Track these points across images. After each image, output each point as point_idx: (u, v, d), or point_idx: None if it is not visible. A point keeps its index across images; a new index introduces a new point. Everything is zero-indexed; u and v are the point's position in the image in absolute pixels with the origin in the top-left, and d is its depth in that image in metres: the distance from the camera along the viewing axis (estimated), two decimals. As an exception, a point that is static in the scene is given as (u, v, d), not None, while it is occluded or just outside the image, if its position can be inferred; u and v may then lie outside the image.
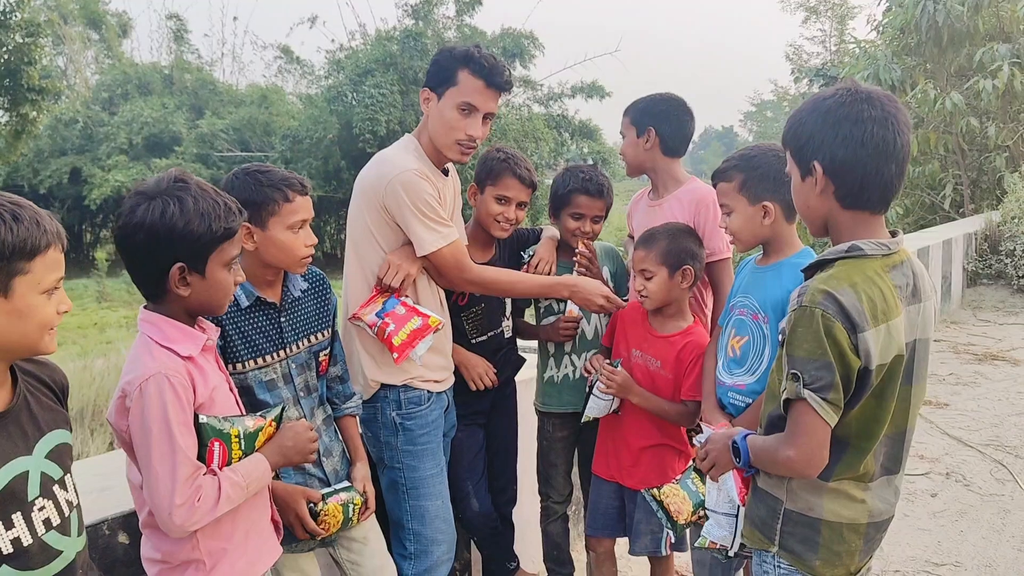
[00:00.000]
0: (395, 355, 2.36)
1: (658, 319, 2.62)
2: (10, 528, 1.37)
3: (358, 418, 2.43)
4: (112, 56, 31.71)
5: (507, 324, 2.94)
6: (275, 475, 1.89)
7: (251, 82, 32.12)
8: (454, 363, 2.69)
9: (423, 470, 2.48)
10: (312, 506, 2.08)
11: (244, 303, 2.09)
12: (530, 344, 3.08)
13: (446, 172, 2.60)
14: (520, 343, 3.05)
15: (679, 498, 2.33)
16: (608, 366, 2.57)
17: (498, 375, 2.83)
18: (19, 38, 15.39)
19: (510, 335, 2.97)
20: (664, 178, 2.78)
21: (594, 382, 2.62)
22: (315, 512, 2.08)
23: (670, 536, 2.63)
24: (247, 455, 1.77)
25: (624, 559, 3.04)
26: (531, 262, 2.89)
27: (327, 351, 2.29)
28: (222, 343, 2.02)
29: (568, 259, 2.92)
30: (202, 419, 1.68)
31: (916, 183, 13.25)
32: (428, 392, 2.51)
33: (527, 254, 2.96)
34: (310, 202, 2.16)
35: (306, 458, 1.91)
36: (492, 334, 2.87)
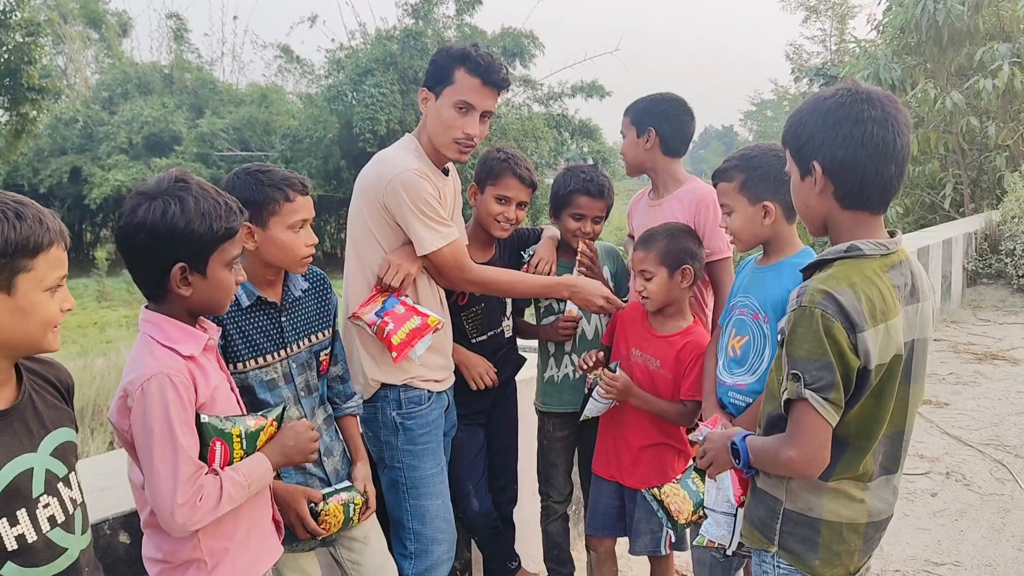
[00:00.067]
0: (394, 354, 2.36)
1: (658, 319, 2.63)
2: (15, 525, 1.38)
3: (359, 418, 2.43)
4: (112, 55, 31.69)
5: (507, 324, 2.94)
6: (276, 475, 1.89)
7: (251, 81, 32.14)
8: (454, 363, 2.70)
9: (423, 469, 2.48)
10: (313, 506, 2.09)
11: (245, 303, 2.09)
12: (530, 344, 3.08)
13: (446, 172, 2.60)
14: (520, 343, 3.05)
15: (679, 498, 2.34)
16: (608, 372, 2.57)
17: (498, 375, 2.84)
18: (19, 37, 15.39)
19: (510, 335, 2.97)
20: (664, 178, 2.78)
21: (593, 385, 2.63)
22: (316, 512, 2.09)
23: (670, 535, 2.63)
24: (248, 455, 1.77)
25: (624, 559, 3.04)
26: (531, 262, 2.89)
27: (328, 351, 2.29)
28: (223, 342, 2.03)
29: (568, 259, 2.92)
30: (204, 419, 1.68)
31: (916, 182, 13.23)
32: (428, 392, 2.51)
33: (527, 254, 2.96)
34: (311, 202, 2.16)
35: (307, 458, 1.92)
36: (492, 334, 2.87)
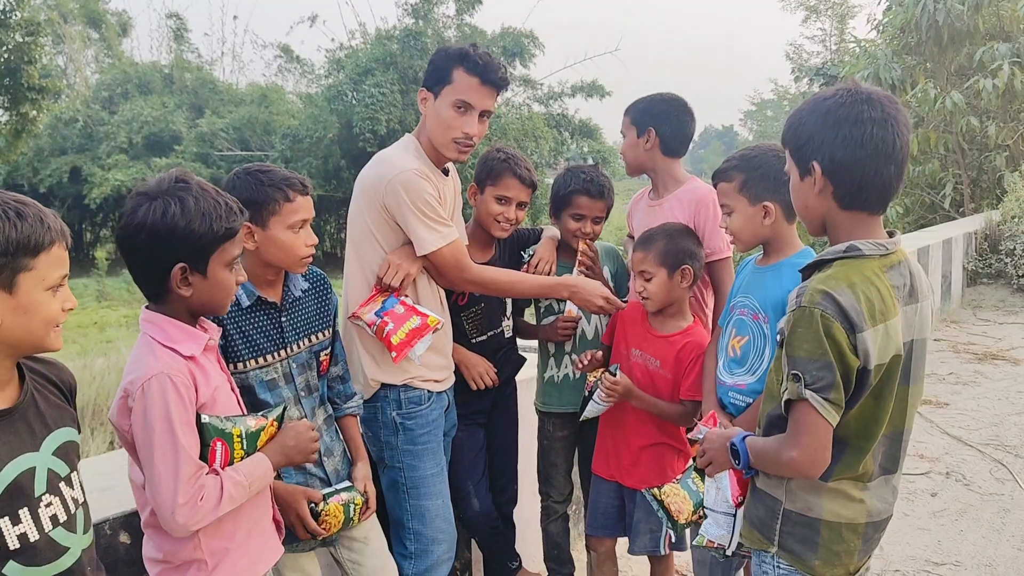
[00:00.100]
0: (393, 354, 2.36)
1: (658, 319, 2.63)
2: (17, 524, 1.38)
3: (359, 418, 2.43)
4: (112, 55, 31.71)
5: (507, 324, 2.94)
6: (276, 475, 1.89)
7: (251, 81, 32.13)
8: (454, 363, 2.70)
9: (423, 469, 2.48)
10: (313, 506, 2.09)
11: (245, 303, 2.09)
12: (530, 344, 3.08)
13: (446, 172, 2.60)
14: (520, 343, 3.05)
15: (680, 498, 2.34)
16: (608, 376, 2.57)
17: (498, 375, 2.84)
18: (19, 37, 15.37)
19: (510, 335, 2.97)
20: (664, 178, 2.79)
21: (594, 387, 2.63)
22: (316, 512, 2.09)
23: (669, 535, 2.63)
24: (249, 455, 1.77)
25: (624, 559, 3.04)
26: (531, 262, 2.89)
27: (328, 351, 2.29)
28: (223, 342, 2.02)
29: (568, 259, 2.92)
30: (204, 419, 1.68)
31: (916, 182, 13.23)
32: (428, 392, 2.51)
33: (527, 254, 2.96)
34: (311, 202, 2.16)
35: (308, 458, 1.92)
36: (492, 334, 2.88)
